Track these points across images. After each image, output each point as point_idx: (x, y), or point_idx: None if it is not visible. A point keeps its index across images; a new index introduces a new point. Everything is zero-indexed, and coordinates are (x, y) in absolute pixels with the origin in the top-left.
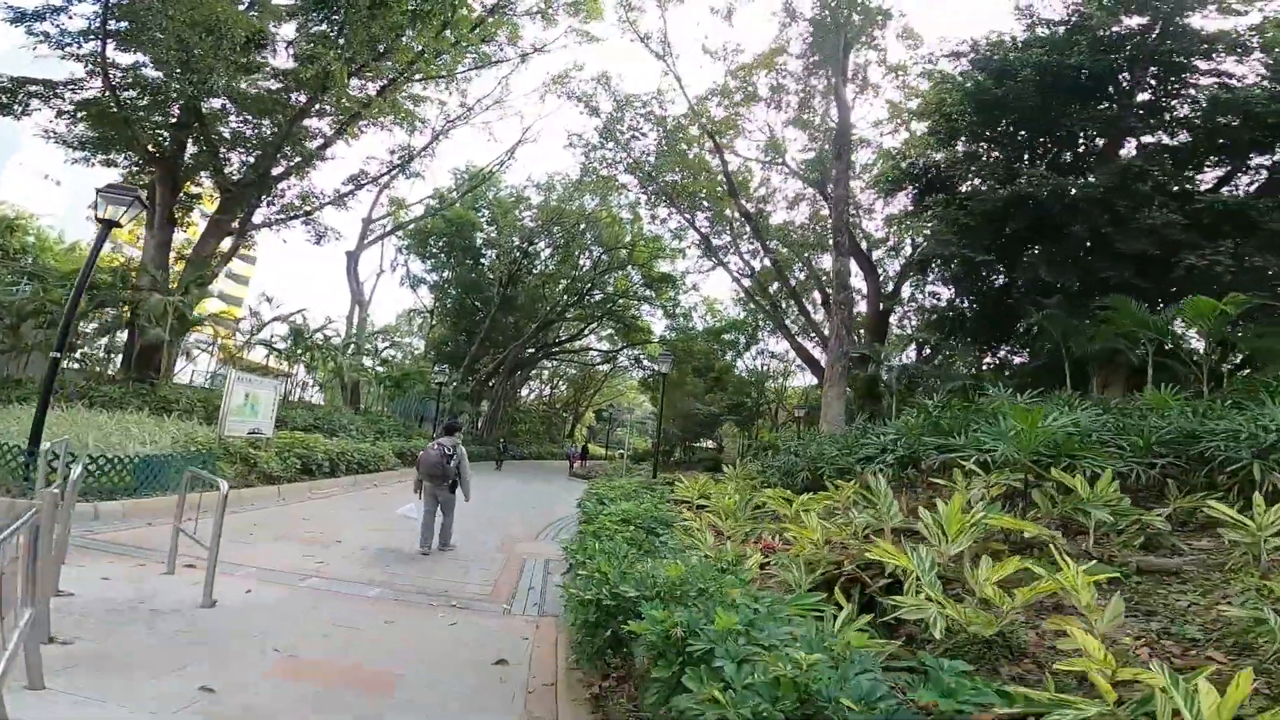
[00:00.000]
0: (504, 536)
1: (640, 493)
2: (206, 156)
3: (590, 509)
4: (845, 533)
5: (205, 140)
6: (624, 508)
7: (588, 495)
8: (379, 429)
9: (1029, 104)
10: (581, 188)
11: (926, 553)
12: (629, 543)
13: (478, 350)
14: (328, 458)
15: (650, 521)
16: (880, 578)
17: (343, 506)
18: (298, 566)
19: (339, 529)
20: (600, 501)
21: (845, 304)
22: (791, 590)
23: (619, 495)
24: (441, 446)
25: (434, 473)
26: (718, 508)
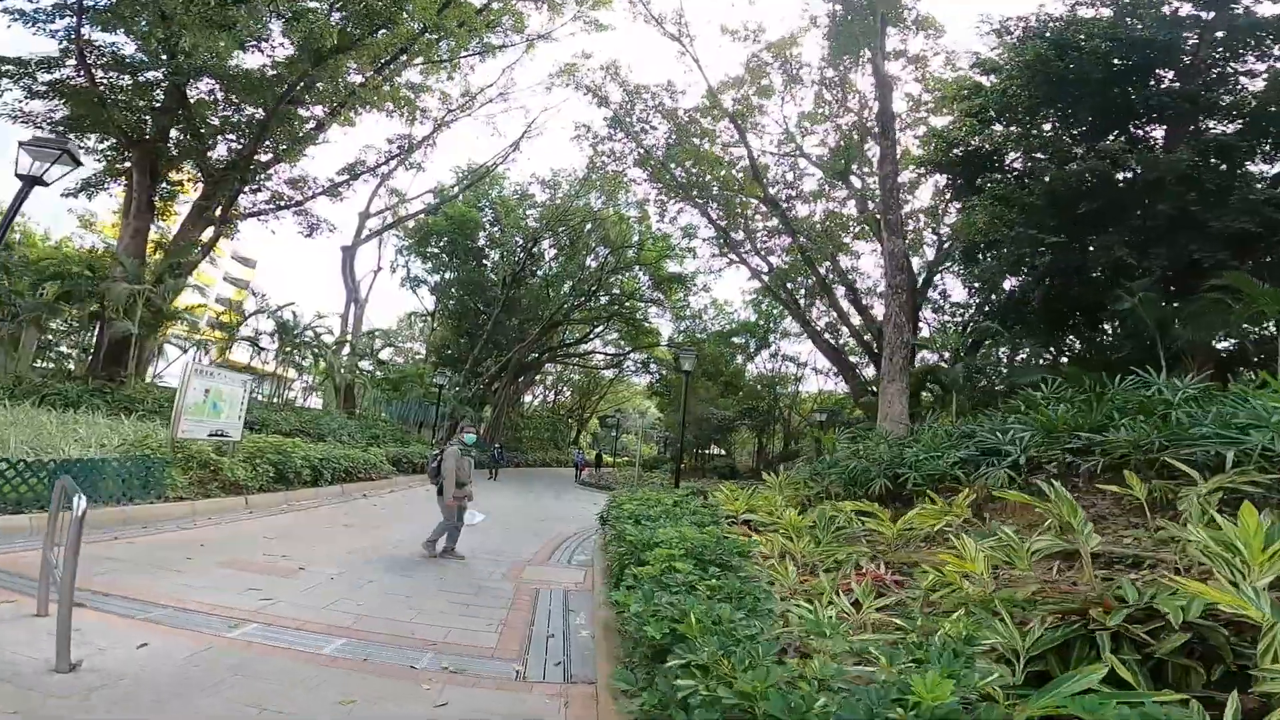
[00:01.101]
0: (510, 560)
1: (682, 508)
2: (190, 141)
3: (632, 535)
4: (1023, 562)
5: (189, 124)
6: (683, 533)
7: (614, 511)
8: (373, 434)
9: (1095, 77)
10: (588, 184)
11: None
12: (714, 593)
13: (480, 352)
14: (308, 464)
15: (719, 552)
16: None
17: (322, 521)
18: (234, 606)
19: (309, 551)
20: (636, 521)
21: (902, 288)
22: (968, 646)
23: (658, 512)
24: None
25: (430, 478)
26: (784, 526)
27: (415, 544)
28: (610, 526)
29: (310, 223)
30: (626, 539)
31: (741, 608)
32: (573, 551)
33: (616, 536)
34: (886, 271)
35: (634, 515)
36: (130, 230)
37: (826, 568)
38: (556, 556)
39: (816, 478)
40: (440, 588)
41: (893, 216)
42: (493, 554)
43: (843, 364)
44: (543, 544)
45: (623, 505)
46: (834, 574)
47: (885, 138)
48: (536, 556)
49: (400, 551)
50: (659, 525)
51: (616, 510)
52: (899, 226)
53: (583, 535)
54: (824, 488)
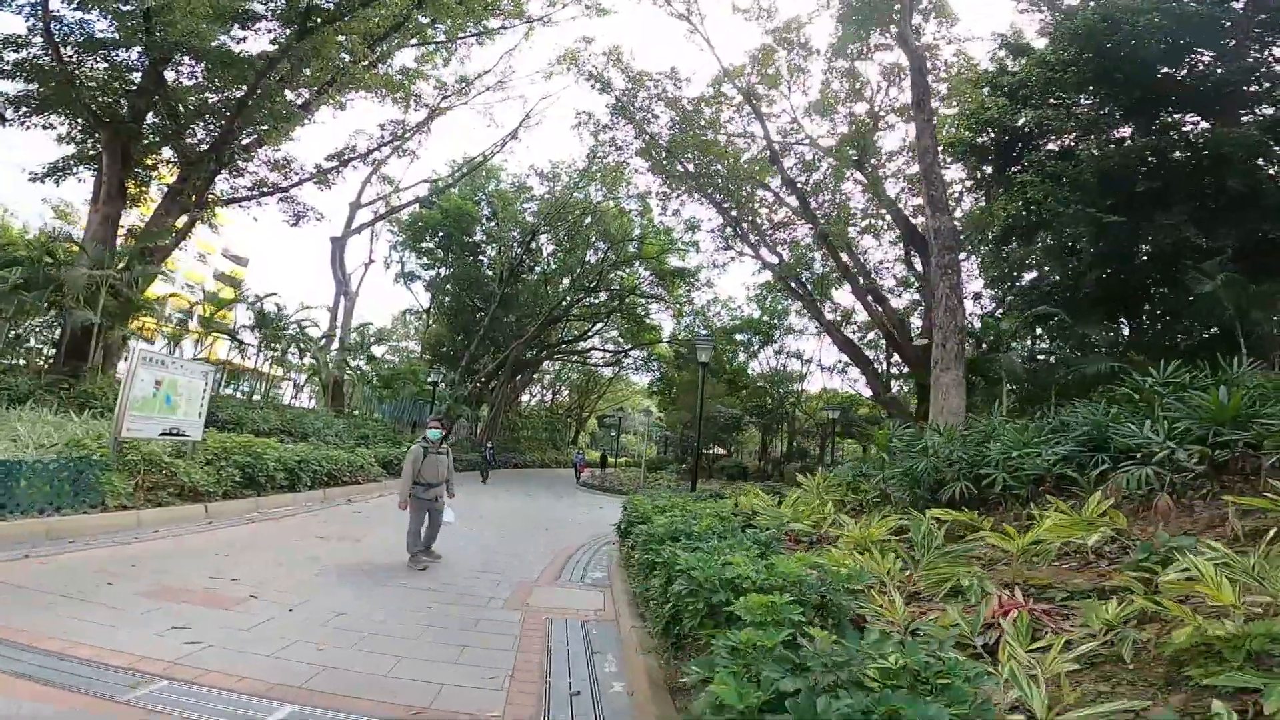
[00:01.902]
0: (513, 579)
1: (728, 522)
2: (167, 123)
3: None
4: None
5: (166, 106)
6: (776, 568)
7: (638, 523)
8: (362, 434)
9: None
10: (588, 176)
11: None
12: (890, 681)
13: (477, 349)
14: (283, 467)
15: (826, 590)
16: None
17: (293, 532)
18: (146, 653)
19: (268, 571)
20: (688, 541)
21: (953, 268)
22: None
23: (703, 527)
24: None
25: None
26: (852, 540)
27: (399, 558)
28: (638, 546)
29: (296, 210)
30: (682, 571)
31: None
32: (585, 566)
33: (653, 565)
34: (934, 251)
35: (672, 532)
36: (99, 217)
37: (943, 595)
38: (568, 573)
39: (860, 478)
40: (428, 620)
41: (936, 193)
42: (492, 570)
43: (860, 358)
44: (550, 558)
45: (649, 517)
46: (960, 605)
47: (920, 111)
48: (544, 574)
49: (381, 569)
50: (716, 547)
51: (641, 522)
52: (944, 203)
53: (593, 545)
54: (880, 491)
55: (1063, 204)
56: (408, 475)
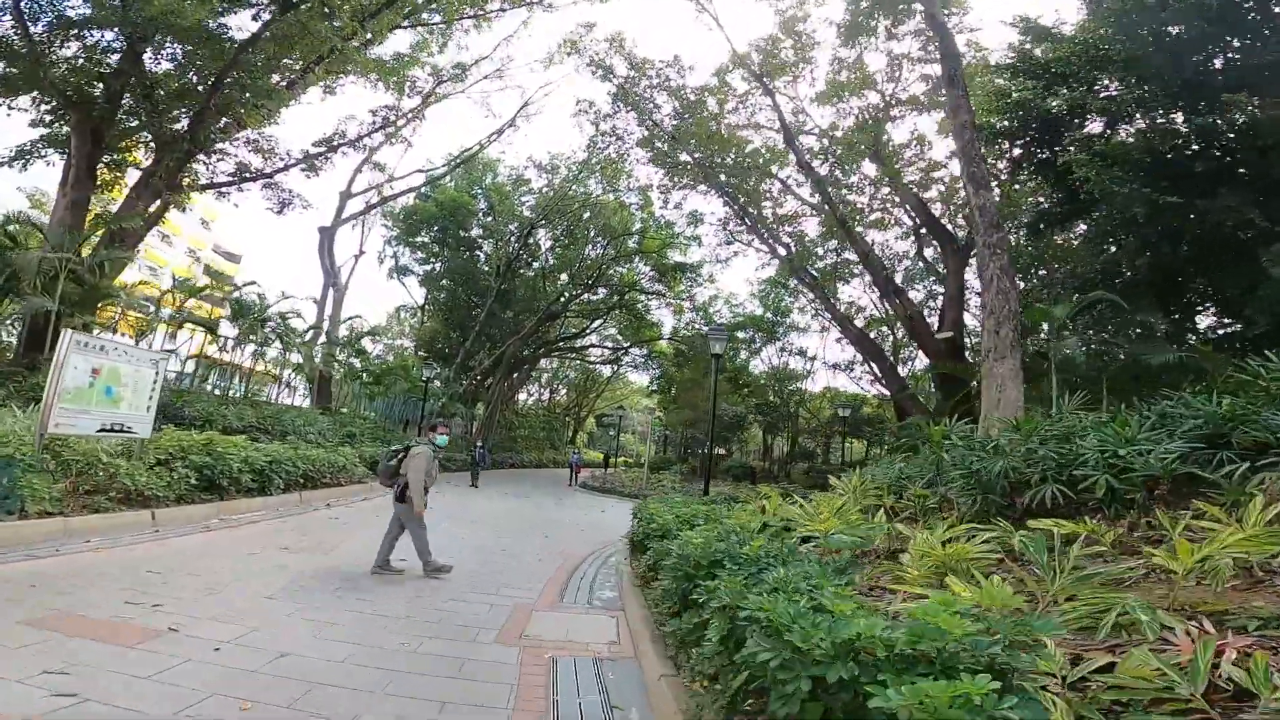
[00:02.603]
0: (507, 600)
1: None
2: (143, 104)
3: (803, 633)
4: None
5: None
6: (941, 620)
7: (657, 537)
8: (348, 432)
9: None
10: (588, 168)
11: None
12: None
13: (472, 345)
14: (250, 468)
15: (996, 645)
16: None
17: (252, 542)
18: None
19: (205, 592)
20: (736, 568)
21: (1001, 247)
22: None
23: (756, 550)
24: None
25: (384, 479)
26: (932, 560)
27: (375, 579)
28: (667, 571)
29: (281, 197)
30: (762, 626)
31: None
32: (592, 583)
33: (695, 602)
34: (979, 230)
35: (713, 554)
36: (66, 201)
37: (1105, 631)
38: (572, 592)
39: (905, 481)
40: (400, 662)
41: (976, 169)
42: (483, 589)
43: (875, 352)
44: (551, 572)
45: (671, 529)
46: (1134, 642)
47: (954, 86)
48: (544, 593)
49: (349, 588)
50: (788, 580)
51: (660, 535)
52: (985, 179)
53: (599, 556)
54: (939, 496)
55: (1118, 183)
56: (420, 480)
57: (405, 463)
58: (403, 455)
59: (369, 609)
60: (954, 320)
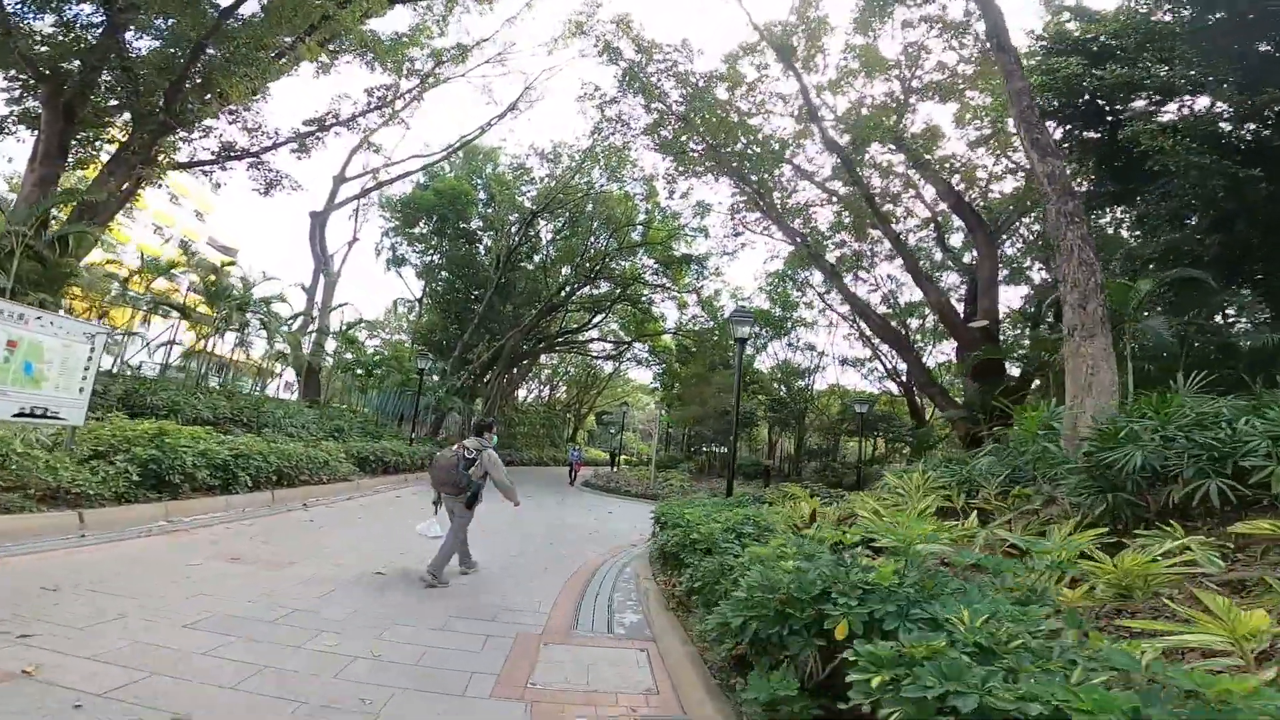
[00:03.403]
0: (508, 625)
1: (912, 553)
2: (122, 81)
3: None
4: None
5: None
6: None
7: (709, 553)
8: (336, 426)
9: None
10: (591, 156)
11: None
12: None
13: (471, 338)
14: (208, 463)
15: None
16: None
17: (200, 550)
18: None
19: (109, 619)
20: (871, 600)
21: (1078, 216)
22: None
23: (886, 576)
24: (463, 449)
25: (447, 480)
26: (1111, 575)
27: (341, 595)
28: (750, 610)
29: (268, 178)
30: None
31: None
32: (610, 601)
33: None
34: (1052, 199)
35: (812, 584)
36: (34, 178)
37: None
38: (588, 614)
39: (982, 477)
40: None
41: (1039, 135)
42: (478, 612)
43: (901, 342)
44: (559, 587)
45: (716, 542)
46: None
47: (1004, 52)
48: (553, 617)
49: (298, 616)
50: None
51: (704, 548)
52: (1049, 145)
53: (613, 565)
54: (1044, 495)
55: (1196, 155)
56: (505, 478)
57: (481, 465)
58: (472, 458)
59: (320, 645)
60: (988, 308)
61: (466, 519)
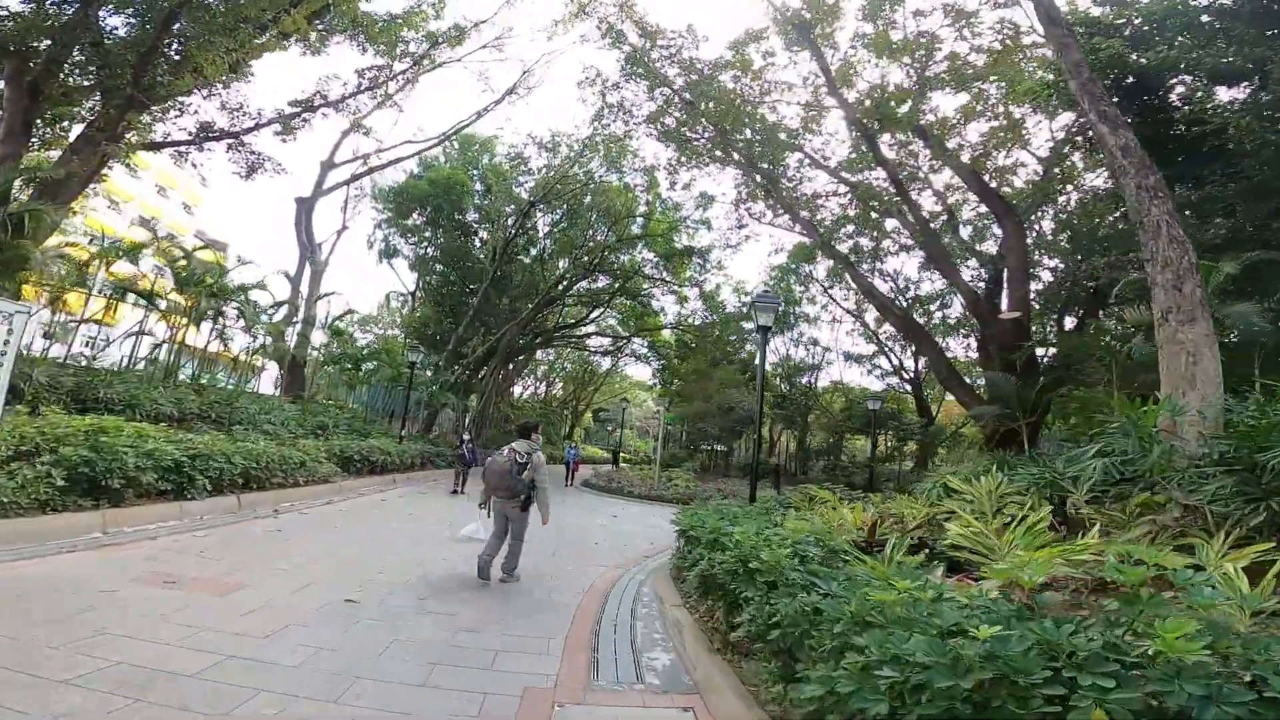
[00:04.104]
0: (509, 691)
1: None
2: (93, 57)
3: None
4: None
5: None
6: None
7: (772, 588)
8: (319, 423)
9: None
10: (591, 146)
11: None
12: None
13: (465, 331)
14: (155, 465)
15: None
16: None
17: (132, 569)
18: None
19: None
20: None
21: (1161, 190)
22: None
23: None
24: (513, 453)
25: (503, 485)
26: None
27: (295, 641)
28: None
29: (249, 160)
30: None
31: None
32: (632, 633)
33: None
34: (1128, 173)
35: (1024, 665)
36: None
37: None
38: (607, 654)
39: (1065, 483)
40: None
41: (1106, 108)
42: (472, 657)
43: (924, 336)
44: (569, 615)
45: (796, 575)
46: None
47: (1055, 25)
48: (567, 659)
49: (230, 679)
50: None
51: (770, 584)
52: (1119, 118)
53: (628, 581)
54: (1176, 503)
55: (1275, 133)
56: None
57: (532, 468)
58: (524, 462)
59: (251, 715)
60: (1019, 298)
61: (523, 521)
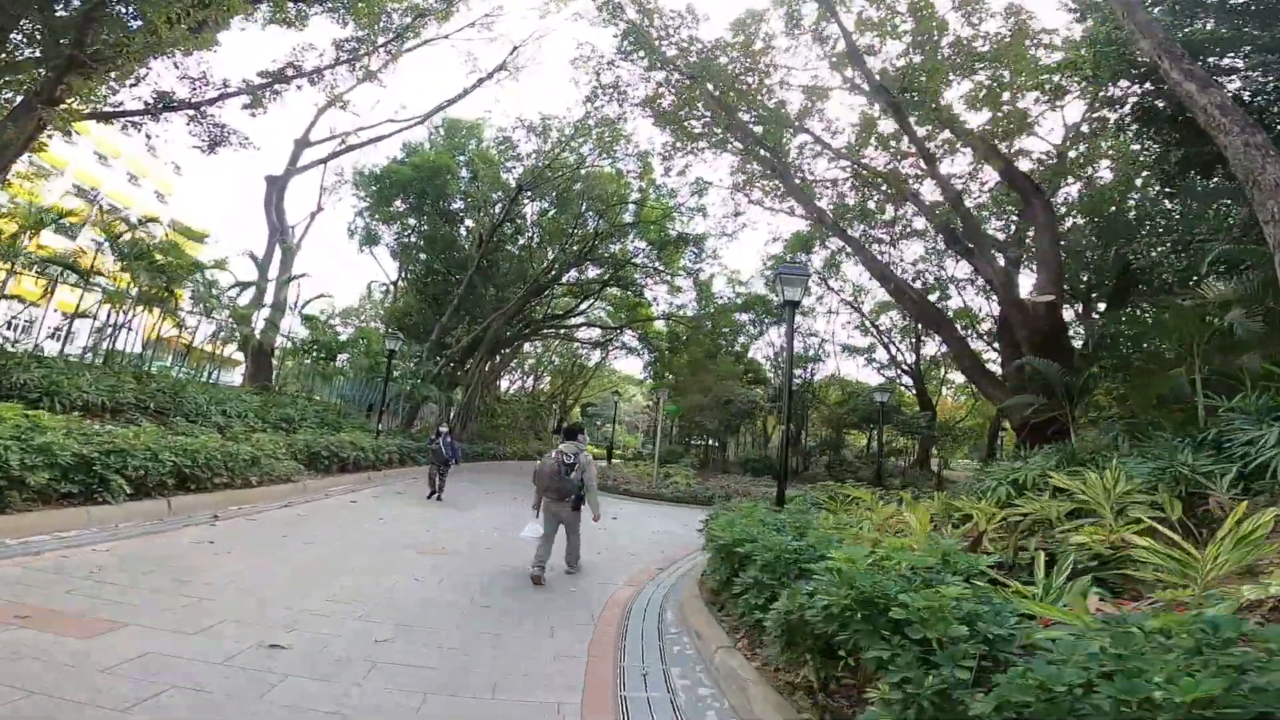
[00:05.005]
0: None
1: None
2: (39, 21)
3: None
4: None
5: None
6: None
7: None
8: (284, 415)
9: None
10: (583, 130)
11: None
12: None
13: (449, 321)
14: (54, 463)
15: None
16: None
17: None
18: None
19: None
20: None
21: (1270, 149)
22: None
23: None
24: (561, 455)
25: (553, 486)
26: None
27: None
28: None
29: (211, 133)
30: None
31: None
32: (665, 673)
33: None
34: (1233, 132)
35: None
36: None
37: None
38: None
39: (1201, 477)
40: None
41: (1191, 67)
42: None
43: (943, 323)
44: (583, 660)
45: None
46: None
47: None
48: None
49: None
50: None
51: (925, 661)
52: (1205, 76)
53: (646, 600)
54: None
55: None
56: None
57: (580, 468)
58: (572, 464)
59: None
60: (1050, 280)
61: (576, 520)
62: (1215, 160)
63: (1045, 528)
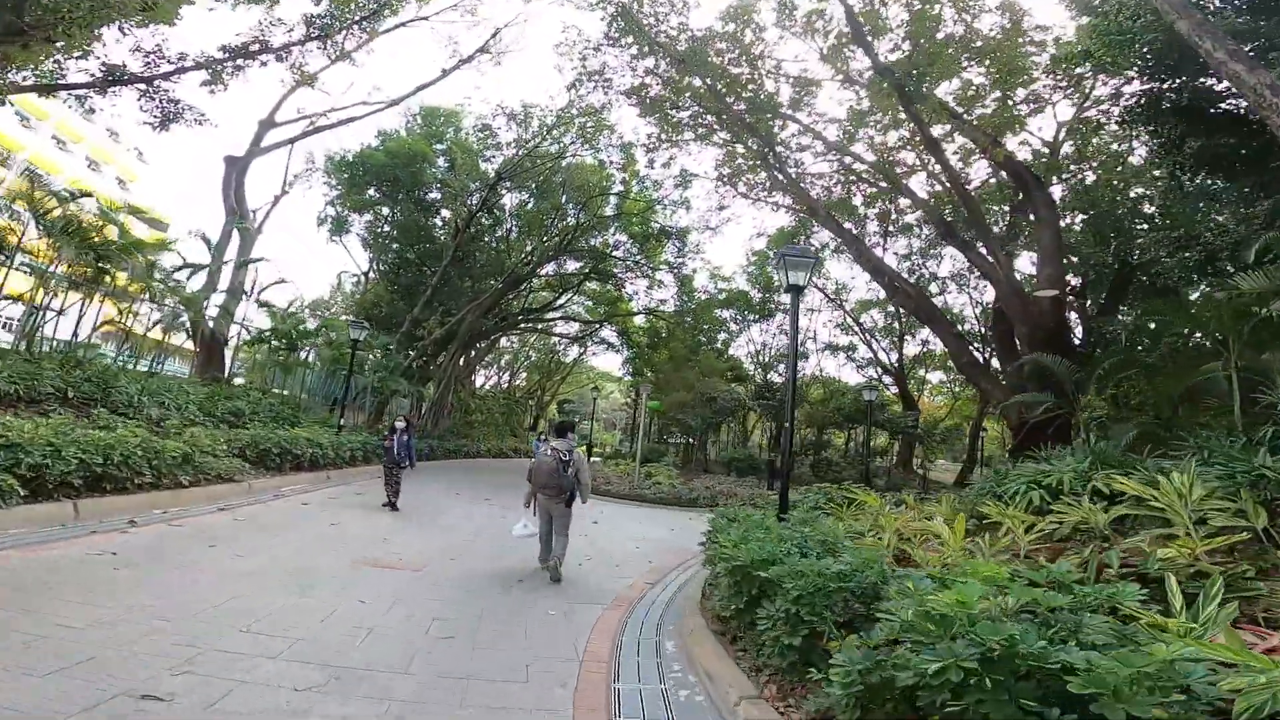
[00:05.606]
0: None
1: None
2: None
3: None
4: None
5: None
6: None
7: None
8: (234, 409)
9: None
10: (565, 120)
11: None
12: None
13: (421, 312)
14: None
15: None
16: None
17: None
18: None
19: None
20: None
21: None
22: None
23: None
24: (556, 453)
25: (551, 484)
26: None
27: None
28: None
29: (164, 109)
30: None
31: None
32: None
33: None
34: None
35: None
36: None
37: None
38: None
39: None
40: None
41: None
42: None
43: (937, 317)
44: (570, 712)
45: None
46: None
47: None
48: None
49: None
50: None
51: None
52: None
53: (639, 627)
54: None
55: None
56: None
57: (573, 465)
58: (567, 460)
59: None
60: (1054, 276)
61: (567, 516)
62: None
63: (1093, 538)
